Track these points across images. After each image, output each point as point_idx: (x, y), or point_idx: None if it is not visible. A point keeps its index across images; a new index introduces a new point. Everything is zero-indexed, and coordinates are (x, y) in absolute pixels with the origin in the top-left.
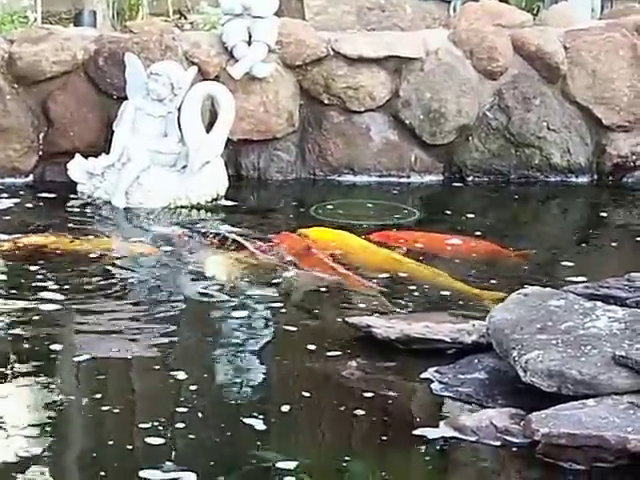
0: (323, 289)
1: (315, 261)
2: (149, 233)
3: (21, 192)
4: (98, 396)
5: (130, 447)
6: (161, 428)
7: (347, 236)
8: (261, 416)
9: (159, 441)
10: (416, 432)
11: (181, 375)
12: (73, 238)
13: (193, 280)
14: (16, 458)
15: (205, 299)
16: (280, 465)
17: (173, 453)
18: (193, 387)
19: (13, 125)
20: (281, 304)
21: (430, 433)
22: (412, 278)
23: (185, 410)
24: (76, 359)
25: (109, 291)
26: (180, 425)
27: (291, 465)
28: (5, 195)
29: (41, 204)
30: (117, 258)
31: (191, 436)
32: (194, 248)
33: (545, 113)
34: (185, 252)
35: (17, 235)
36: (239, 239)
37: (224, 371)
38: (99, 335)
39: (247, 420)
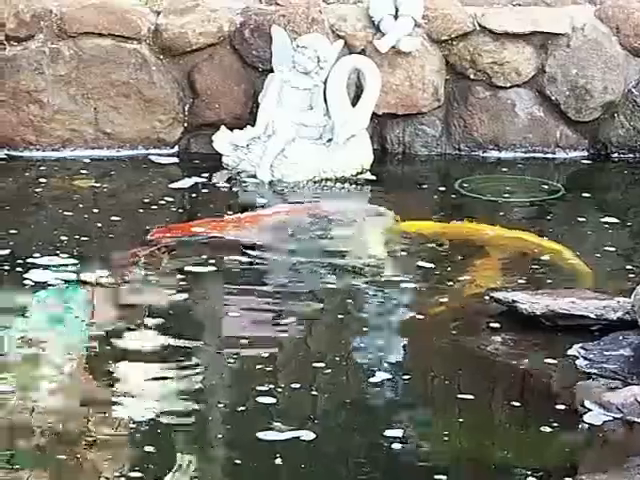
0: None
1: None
2: None
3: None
4: None
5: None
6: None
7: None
8: (400, 388)
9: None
10: (560, 408)
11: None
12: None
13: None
14: (140, 417)
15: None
16: (389, 433)
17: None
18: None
19: (158, 96)
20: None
21: (575, 409)
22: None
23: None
24: None
25: None
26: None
27: (399, 433)
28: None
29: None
30: None
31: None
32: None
33: None
34: None
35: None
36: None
37: (363, 345)
38: None
39: (383, 390)
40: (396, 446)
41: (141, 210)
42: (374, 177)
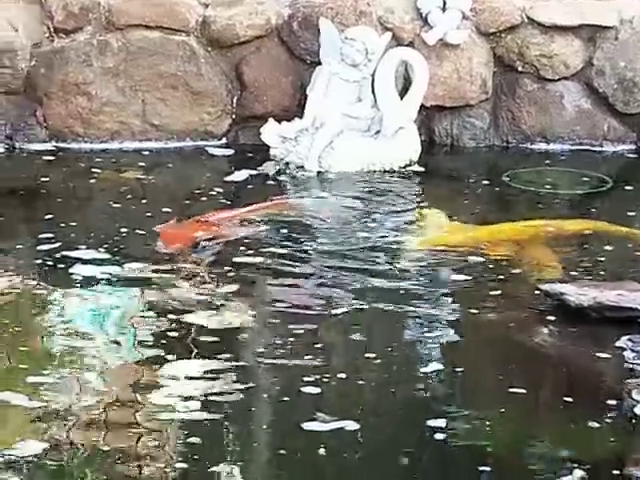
0: None
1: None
2: None
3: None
4: None
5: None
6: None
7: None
8: (451, 380)
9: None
10: (609, 401)
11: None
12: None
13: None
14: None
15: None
16: (433, 423)
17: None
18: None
19: (207, 89)
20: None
21: (623, 401)
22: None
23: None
24: None
25: None
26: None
27: (441, 424)
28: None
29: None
30: None
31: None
32: None
33: None
34: None
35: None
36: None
37: (412, 335)
38: None
39: (433, 382)
40: (440, 436)
41: (188, 201)
42: (422, 169)
